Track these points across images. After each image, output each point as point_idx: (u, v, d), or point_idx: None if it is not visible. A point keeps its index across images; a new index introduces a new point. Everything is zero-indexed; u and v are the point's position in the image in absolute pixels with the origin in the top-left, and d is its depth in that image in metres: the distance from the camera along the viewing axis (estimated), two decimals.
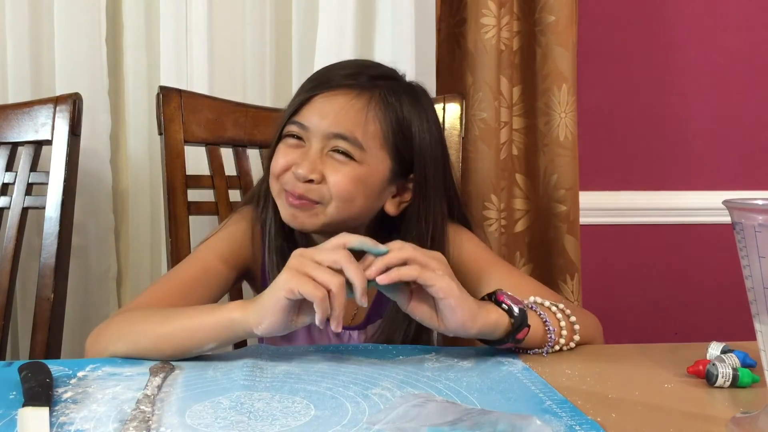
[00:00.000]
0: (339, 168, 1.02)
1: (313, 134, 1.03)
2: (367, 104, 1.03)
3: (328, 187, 1.01)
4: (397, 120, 1.05)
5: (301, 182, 1.01)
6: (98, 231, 1.49)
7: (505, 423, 0.66)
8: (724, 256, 1.83)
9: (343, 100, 1.03)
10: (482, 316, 0.88)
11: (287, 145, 1.05)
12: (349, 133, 1.02)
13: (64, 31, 1.44)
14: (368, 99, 1.03)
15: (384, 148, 1.04)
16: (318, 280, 0.82)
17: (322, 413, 0.73)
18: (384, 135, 1.04)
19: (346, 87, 1.04)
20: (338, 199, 1.02)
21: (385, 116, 1.04)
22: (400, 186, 1.08)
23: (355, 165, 1.02)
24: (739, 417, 0.73)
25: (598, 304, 1.55)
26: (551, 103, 1.60)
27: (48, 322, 1.26)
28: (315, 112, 1.03)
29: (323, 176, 1.02)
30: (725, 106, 1.88)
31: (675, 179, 1.89)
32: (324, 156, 1.03)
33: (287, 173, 1.03)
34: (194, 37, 1.47)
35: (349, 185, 1.02)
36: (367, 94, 1.04)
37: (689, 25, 1.86)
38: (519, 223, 1.67)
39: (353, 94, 1.03)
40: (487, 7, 1.54)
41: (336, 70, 1.08)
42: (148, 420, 0.69)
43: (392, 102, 1.05)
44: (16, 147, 1.33)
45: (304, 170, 1.01)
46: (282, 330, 0.86)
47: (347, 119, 1.02)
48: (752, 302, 0.70)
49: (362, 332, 1.11)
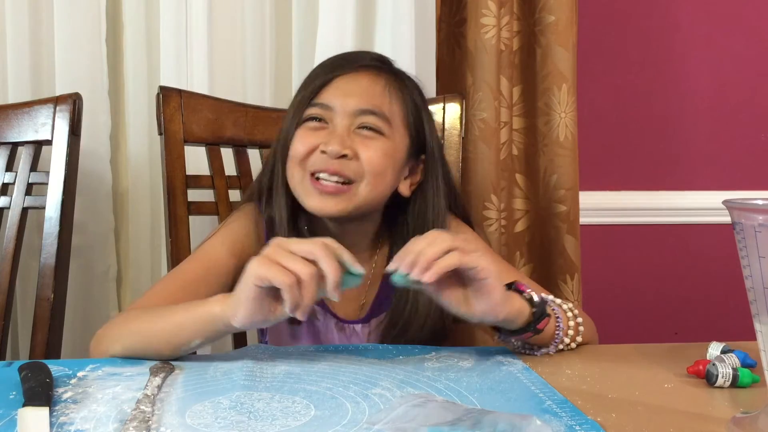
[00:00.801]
0: (369, 143, 1.03)
1: (338, 113, 1.04)
2: (389, 84, 1.07)
3: (361, 163, 1.02)
4: (413, 102, 1.09)
5: (334, 158, 1.01)
6: (98, 231, 1.49)
7: (505, 423, 0.66)
8: (724, 256, 1.83)
9: (366, 79, 1.06)
10: (510, 301, 0.88)
11: (308, 129, 1.05)
12: (377, 109, 1.04)
13: (64, 31, 1.44)
14: (388, 80, 1.07)
15: (403, 126, 1.08)
16: (288, 268, 0.80)
17: (322, 413, 0.73)
18: (404, 114, 1.08)
19: (366, 68, 1.07)
20: (371, 174, 1.03)
21: (403, 97, 1.08)
22: (411, 167, 1.10)
23: (384, 139, 1.05)
24: (739, 417, 0.73)
25: (598, 304, 1.56)
26: (551, 103, 1.60)
27: (48, 322, 1.26)
28: (339, 92, 1.04)
29: (355, 152, 1.02)
30: (725, 106, 1.88)
31: (675, 179, 1.89)
32: (352, 133, 1.03)
33: (313, 155, 1.03)
34: (194, 37, 1.47)
35: (382, 159, 1.03)
36: (386, 75, 1.08)
37: (689, 25, 1.86)
38: (519, 223, 1.67)
39: (374, 74, 1.07)
40: (487, 7, 1.54)
41: (352, 56, 1.10)
42: (148, 420, 0.69)
43: (408, 86, 1.10)
44: (16, 147, 1.33)
45: (337, 146, 1.01)
46: (260, 321, 0.85)
47: (374, 96, 1.05)
48: (752, 302, 0.70)
49: (366, 326, 1.11)
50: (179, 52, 1.47)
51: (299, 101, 1.07)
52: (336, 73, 1.06)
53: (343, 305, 1.10)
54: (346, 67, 1.06)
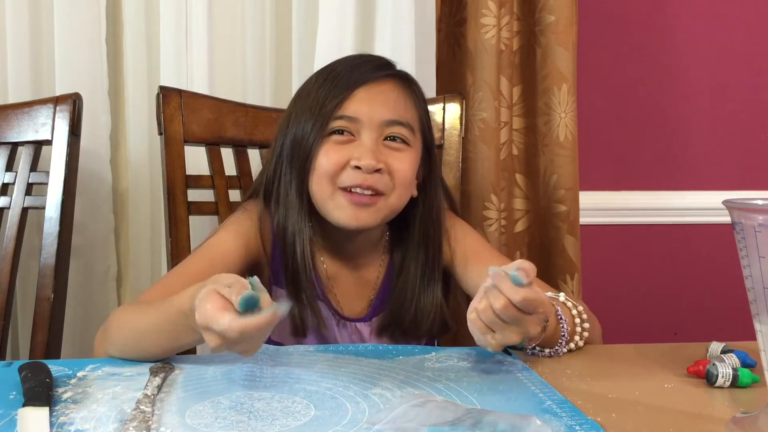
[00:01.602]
0: (399, 156, 1.04)
1: (365, 125, 1.03)
2: (406, 91, 1.07)
3: (392, 175, 1.03)
4: (422, 102, 1.10)
5: (369, 173, 1.01)
6: (98, 231, 1.48)
7: (505, 423, 0.66)
8: (724, 256, 1.83)
9: (388, 88, 1.06)
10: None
11: (335, 142, 1.04)
12: (404, 119, 1.05)
13: (64, 31, 1.44)
14: (404, 86, 1.08)
15: (419, 131, 1.09)
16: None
17: (322, 413, 0.73)
18: (420, 119, 1.09)
19: (385, 77, 1.06)
20: (401, 186, 1.04)
21: (417, 101, 1.09)
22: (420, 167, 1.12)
23: (409, 150, 1.06)
24: (739, 417, 0.73)
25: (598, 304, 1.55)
26: (551, 103, 1.60)
27: (48, 322, 1.26)
28: (364, 103, 1.04)
29: (387, 166, 1.03)
30: (725, 106, 1.88)
31: (675, 179, 1.89)
32: (380, 145, 1.04)
33: (345, 171, 1.02)
34: (194, 37, 1.47)
35: (411, 171, 1.05)
36: (402, 82, 1.08)
37: (689, 25, 1.86)
38: (519, 223, 1.67)
39: (393, 83, 1.07)
40: (487, 7, 1.54)
41: (364, 64, 1.08)
42: (148, 420, 0.69)
43: (415, 87, 1.10)
44: (16, 147, 1.33)
45: (372, 160, 1.01)
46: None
47: (398, 105, 1.05)
48: (752, 302, 0.70)
49: (368, 324, 1.12)
50: (179, 52, 1.47)
51: (321, 111, 1.03)
52: (357, 85, 1.04)
53: (350, 304, 1.12)
54: (365, 79, 1.05)
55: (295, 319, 1.05)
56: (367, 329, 1.12)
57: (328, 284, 1.11)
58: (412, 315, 1.08)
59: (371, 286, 1.14)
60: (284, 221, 1.06)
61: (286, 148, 1.08)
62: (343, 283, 1.13)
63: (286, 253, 1.06)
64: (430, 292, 1.09)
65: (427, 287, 1.09)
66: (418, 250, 1.10)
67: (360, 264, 1.13)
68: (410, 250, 1.11)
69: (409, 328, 1.08)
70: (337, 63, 1.10)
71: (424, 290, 1.09)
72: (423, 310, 1.08)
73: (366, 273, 1.14)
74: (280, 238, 1.07)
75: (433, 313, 1.08)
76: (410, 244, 1.11)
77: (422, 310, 1.08)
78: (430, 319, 1.08)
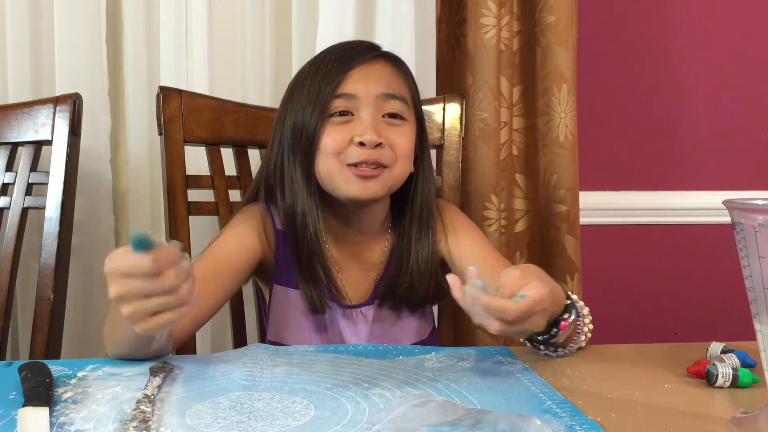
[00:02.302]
0: (398, 131, 1.09)
1: (363, 102, 1.07)
2: (397, 68, 1.12)
3: (393, 149, 1.07)
4: (413, 82, 1.15)
5: (371, 148, 1.05)
6: (98, 231, 1.48)
7: (505, 423, 0.66)
8: (724, 256, 1.84)
9: (380, 66, 1.10)
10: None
11: (336, 123, 1.07)
12: (398, 93, 1.09)
13: (64, 31, 1.44)
14: (394, 64, 1.12)
15: (412, 107, 1.13)
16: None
17: (322, 413, 0.73)
18: (411, 95, 1.13)
19: (376, 57, 1.11)
20: (402, 158, 1.08)
21: (407, 78, 1.14)
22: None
23: (407, 124, 1.10)
24: (739, 417, 0.73)
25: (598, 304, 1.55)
26: (551, 103, 1.60)
27: (48, 322, 1.26)
28: (360, 82, 1.08)
29: (388, 139, 1.07)
30: (725, 106, 1.88)
31: (675, 179, 1.89)
32: (379, 121, 1.07)
33: (350, 148, 1.05)
34: (194, 37, 1.47)
35: (409, 143, 1.10)
36: (391, 61, 1.12)
37: (689, 25, 1.86)
38: (519, 223, 1.67)
39: (383, 62, 1.11)
40: (487, 7, 1.54)
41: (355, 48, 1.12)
42: (148, 420, 0.69)
43: (404, 66, 1.15)
44: (16, 147, 1.33)
45: (374, 135, 1.05)
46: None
47: (392, 80, 1.10)
48: (752, 302, 0.70)
49: (371, 307, 1.13)
50: (179, 52, 1.47)
51: (320, 96, 1.07)
52: (351, 65, 1.08)
53: (354, 290, 1.14)
54: (358, 59, 1.09)
55: (313, 298, 1.07)
56: (371, 312, 1.13)
57: (334, 271, 1.12)
58: (409, 278, 1.11)
59: (375, 268, 1.16)
60: (293, 205, 1.09)
61: (286, 138, 1.10)
62: (349, 270, 1.14)
63: (297, 236, 1.08)
64: (425, 253, 1.12)
65: (422, 248, 1.13)
66: (413, 216, 1.14)
67: (364, 248, 1.16)
68: (407, 219, 1.14)
69: (406, 293, 1.12)
70: (327, 52, 1.14)
71: (420, 251, 1.13)
72: (419, 272, 1.11)
73: (370, 256, 1.16)
74: (289, 224, 1.09)
75: (428, 273, 1.12)
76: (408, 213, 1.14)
77: (418, 272, 1.11)
78: (426, 279, 1.12)
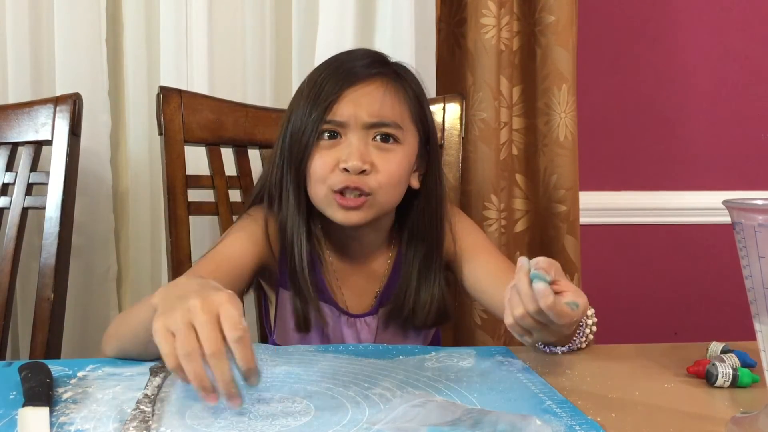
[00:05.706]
0: (386, 156, 1.05)
1: (352, 128, 1.04)
2: (394, 87, 1.08)
3: (378, 176, 1.04)
4: (414, 94, 1.10)
5: (355, 175, 1.02)
6: (98, 231, 1.48)
7: (505, 423, 0.66)
8: (724, 256, 1.84)
9: (373, 88, 1.06)
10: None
11: (323, 147, 1.05)
12: (389, 120, 1.05)
13: (64, 31, 1.44)
14: (391, 82, 1.08)
15: (412, 123, 1.09)
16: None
17: (322, 413, 0.73)
18: (411, 110, 1.09)
19: (371, 77, 1.07)
20: (388, 185, 1.05)
21: (407, 93, 1.09)
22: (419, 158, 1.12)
23: (399, 148, 1.07)
24: (739, 417, 0.73)
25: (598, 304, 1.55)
26: (551, 103, 1.60)
27: (48, 322, 1.26)
28: (349, 106, 1.05)
29: (374, 166, 1.04)
30: (725, 106, 1.88)
31: (675, 179, 1.89)
32: (368, 145, 1.05)
33: (334, 173, 1.04)
34: (194, 37, 1.46)
35: (398, 170, 1.06)
36: (389, 77, 1.08)
37: (689, 25, 1.86)
38: (519, 223, 1.67)
39: (379, 81, 1.07)
40: (487, 7, 1.54)
41: (353, 62, 1.09)
42: (148, 420, 0.69)
43: (407, 78, 1.11)
44: (16, 147, 1.33)
45: (358, 161, 1.02)
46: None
47: (384, 105, 1.06)
48: (752, 302, 0.70)
49: (374, 317, 1.13)
50: (179, 52, 1.47)
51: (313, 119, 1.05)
52: (343, 88, 1.05)
53: (357, 300, 1.13)
54: (351, 80, 1.06)
55: (298, 314, 1.06)
56: (374, 322, 1.12)
57: (336, 283, 1.12)
58: (410, 306, 1.10)
59: (379, 279, 1.15)
60: (285, 221, 1.08)
61: (285, 149, 1.09)
62: (351, 280, 1.14)
63: (286, 251, 1.08)
64: (429, 285, 1.11)
65: (425, 280, 1.11)
66: (418, 242, 1.12)
67: (368, 259, 1.15)
68: (410, 242, 1.13)
69: (407, 319, 1.11)
70: (326, 63, 1.11)
71: (423, 283, 1.11)
72: (420, 303, 1.10)
73: (374, 267, 1.15)
74: (282, 238, 1.08)
75: (429, 305, 1.10)
76: (410, 235, 1.13)
77: (420, 303, 1.10)
78: (427, 311, 1.10)
